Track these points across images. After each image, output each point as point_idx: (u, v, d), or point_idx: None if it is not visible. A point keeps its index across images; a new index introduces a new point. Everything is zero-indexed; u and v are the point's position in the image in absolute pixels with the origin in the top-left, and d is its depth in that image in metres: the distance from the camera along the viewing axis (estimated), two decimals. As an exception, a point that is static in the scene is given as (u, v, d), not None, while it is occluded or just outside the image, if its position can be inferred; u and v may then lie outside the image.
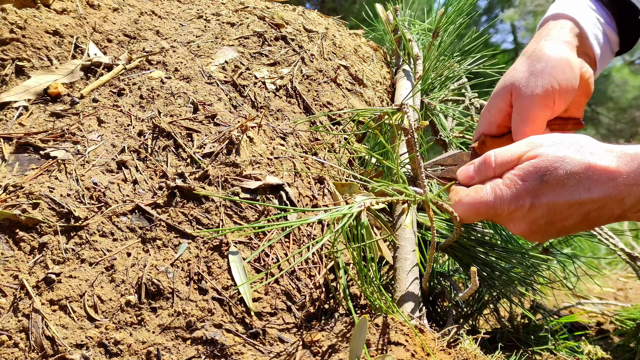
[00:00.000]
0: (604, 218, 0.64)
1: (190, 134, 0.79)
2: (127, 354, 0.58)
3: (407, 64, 1.28)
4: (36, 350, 0.55)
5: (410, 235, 0.80)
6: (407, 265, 0.76)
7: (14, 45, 0.85)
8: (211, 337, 0.61)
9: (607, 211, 0.63)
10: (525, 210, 0.64)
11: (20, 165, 0.70)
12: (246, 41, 1.05)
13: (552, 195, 0.63)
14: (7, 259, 0.60)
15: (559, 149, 0.64)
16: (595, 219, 0.64)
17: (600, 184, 0.62)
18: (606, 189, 0.61)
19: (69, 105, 0.81)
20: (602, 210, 0.63)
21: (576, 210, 0.63)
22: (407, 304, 0.71)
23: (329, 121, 0.97)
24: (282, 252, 0.72)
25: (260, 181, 0.75)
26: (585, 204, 0.62)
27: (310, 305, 0.70)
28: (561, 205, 0.63)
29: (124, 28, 1.00)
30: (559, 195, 0.63)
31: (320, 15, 1.34)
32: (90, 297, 0.60)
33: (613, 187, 0.61)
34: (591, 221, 0.64)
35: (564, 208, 0.63)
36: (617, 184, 0.61)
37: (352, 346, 0.56)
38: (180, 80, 0.90)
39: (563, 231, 0.67)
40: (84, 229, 0.65)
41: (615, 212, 0.62)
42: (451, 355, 0.62)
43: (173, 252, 0.67)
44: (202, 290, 0.65)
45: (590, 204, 0.62)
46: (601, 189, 0.62)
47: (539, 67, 0.78)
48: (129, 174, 0.73)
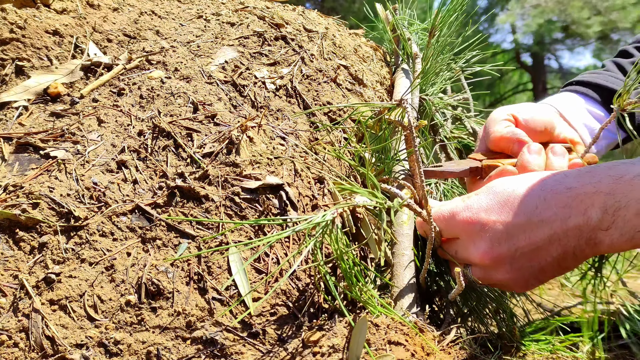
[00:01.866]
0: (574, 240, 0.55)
1: (190, 134, 0.80)
2: (127, 354, 0.58)
3: (406, 63, 1.28)
4: (36, 350, 0.55)
5: (407, 232, 0.81)
6: (405, 261, 0.76)
7: (14, 45, 0.85)
8: (211, 337, 0.61)
9: (574, 231, 0.55)
10: (479, 224, 0.60)
11: (20, 165, 0.70)
12: (246, 41, 1.05)
13: (506, 209, 0.59)
14: (7, 258, 0.60)
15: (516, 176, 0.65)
16: (564, 243, 0.56)
17: (557, 193, 0.56)
18: (564, 199, 0.55)
19: (69, 105, 0.81)
20: (568, 229, 0.55)
21: (538, 231, 0.56)
22: (405, 300, 0.71)
23: (329, 121, 0.97)
24: (282, 252, 0.72)
25: (260, 181, 0.75)
26: (545, 221, 0.56)
27: (310, 304, 0.70)
28: (518, 221, 0.58)
29: (124, 28, 1.00)
30: (512, 209, 0.59)
31: (320, 15, 1.34)
32: (90, 297, 0.60)
33: (572, 197, 0.55)
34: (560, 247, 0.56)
35: (522, 226, 0.57)
36: (575, 194, 0.55)
37: (352, 346, 0.56)
38: (180, 80, 0.90)
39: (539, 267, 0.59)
40: (84, 228, 0.65)
41: (584, 232, 0.54)
42: (451, 355, 0.62)
43: (173, 252, 0.67)
44: (202, 290, 0.65)
45: (551, 221, 0.55)
46: (559, 199, 0.56)
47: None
48: (129, 174, 0.73)
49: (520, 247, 0.58)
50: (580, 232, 0.55)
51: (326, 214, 0.61)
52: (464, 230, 0.63)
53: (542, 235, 0.57)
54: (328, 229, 0.60)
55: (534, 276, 0.61)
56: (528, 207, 0.58)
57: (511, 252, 0.59)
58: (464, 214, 0.63)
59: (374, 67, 1.25)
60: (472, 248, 0.62)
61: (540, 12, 8.43)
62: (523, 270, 0.60)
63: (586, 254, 0.57)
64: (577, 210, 0.55)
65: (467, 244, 0.63)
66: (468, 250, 0.63)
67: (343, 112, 1.00)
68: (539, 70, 11.85)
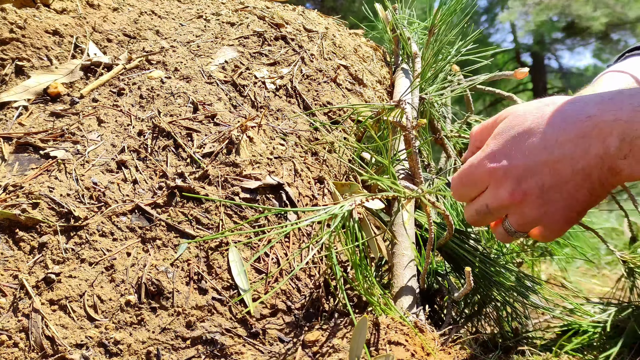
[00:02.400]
0: (596, 169, 0.56)
1: (190, 134, 0.79)
2: (127, 353, 0.58)
3: (406, 63, 1.28)
4: (36, 350, 0.55)
5: (408, 232, 0.80)
6: (405, 261, 0.76)
7: (14, 45, 0.85)
8: (211, 337, 0.61)
9: (596, 160, 0.55)
10: (503, 168, 0.60)
11: (20, 165, 0.70)
12: (246, 41, 1.04)
13: (526, 146, 0.59)
14: (7, 258, 0.60)
15: (530, 103, 0.62)
16: (587, 172, 0.56)
17: (577, 122, 0.56)
18: (584, 127, 0.55)
19: (69, 105, 0.81)
20: (590, 159, 0.55)
21: (561, 161, 0.57)
22: (405, 300, 0.71)
23: (329, 121, 0.97)
24: (282, 252, 0.72)
25: (260, 181, 0.75)
26: (564, 145, 0.56)
27: (310, 305, 0.70)
28: (540, 154, 0.58)
29: (124, 28, 1.00)
30: (534, 146, 0.58)
31: (320, 15, 1.34)
32: (90, 297, 0.60)
33: (591, 126, 0.55)
34: (585, 176, 0.57)
35: (546, 160, 0.57)
36: (594, 122, 0.55)
37: (352, 346, 0.56)
38: (180, 80, 0.90)
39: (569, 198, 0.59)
40: (83, 228, 0.65)
41: (606, 161, 0.55)
42: (451, 355, 0.62)
43: (173, 252, 0.67)
44: (202, 290, 0.65)
45: (572, 150, 0.56)
46: (578, 128, 0.56)
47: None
48: (129, 174, 0.73)
49: (546, 181, 0.59)
50: (602, 161, 0.55)
51: (344, 205, 0.60)
52: (491, 178, 0.63)
53: (566, 169, 0.57)
54: (345, 222, 0.60)
55: (569, 207, 0.61)
56: (549, 142, 0.58)
57: (539, 186, 0.59)
58: (486, 162, 0.62)
59: (374, 67, 1.25)
60: (502, 191, 0.62)
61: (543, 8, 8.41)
62: (556, 203, 0.60)
63: (611, 182, 0.58)
64: (597, 139, 0.55)
65: (495, 190, 0.63)
66: (497, 195, 0.63)
67: (343, 112, 1.00)
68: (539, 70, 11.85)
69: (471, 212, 0.68)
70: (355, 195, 0.68)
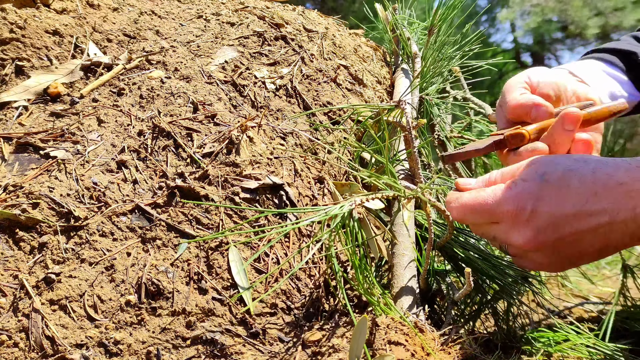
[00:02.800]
0: (619, 234, 0.57)
1: (190, 134, 0.79)
2: (127, 354, 0.58)
3: (406, 63, 1.28)
4: (36, 350, 0.55)
5: (408, 232, 0.80)
6: (405, 261, 0.76)
7: (14, 45, 0.85)
8: (211, 337, 0.61)
9: (620, 226, 0.56)
10: (527, 213, 0.60)
11: (20, 165, 0.70)
12: (246, 41, 1.04)
13: (555, 200, 0.59)
14: (7, 258, 0.60)
15: (558, 156, 0.63)
16: (608, 236, 0.58)
17: (609, 189, 0.57)
18: (615, 194, 0.56)
19: (69, 105, 0.81)
20: (615, 224, 0.57)
21: (585, 223, 0.58)
22: (405, 300, 0.71)
23: (329, 121, 0.97)
24: (282, 252, 0.72)
25: (260, 181, 0.75)
26: (594, 215, 0.57)
27: (310, 305, 0.70)
28: (567, 213, 0.58)
29: (124, 28, 1.00)
30: (563, 200, 0.59)
31: (320, 15, 1.34)
32: (90, 297, 0.60)
33: (622, 193, 0.56)
34: (605, 239, 0.58)
35: (570, 218, 0.58)
36: (626, 190, 0.56)
37: (352, 346, 0.56)
38: (180, 80, 0.90)
39: (578, 254, 0.61)
40: (83, 228, 0.65)
41: (630, 227, 0.56)
42: (451, 355, 0.62)
43: (173, 252, 0.67)
44: (202, 290, 0.65)
45: (600, 215, 0.57)
46: (610, 194, 0.57)
47: None
48: (129, 174, 0.73)
49: (565, 236, 0.59)
50: (627, 227, 0.56)
51: (344, 206, 0.60)
52: (510, 218, 0.62)
53: (589, 227, 0.58)
54: (345, 221, 0.60)
55: (571, 261, 0.62)
56: (579, 200, 0.58)
57: (555, 240, 0.60)
58: (511, 204, 0.62)
59: (374, 67, 1.25)
60: (516, 235, 0.62)
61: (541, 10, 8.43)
62: (562, 255, 0.61)
63: (626, 246, 0.59)
64: (626, 206, 0.56)
65: (509, 230, 0.63)
66: (509, 235, 0.63)
67: (343, 112, 1.00)
68: (539, 70, 11.82)
69: (475, 231, 0.68)
70: (355, 195, 0.68)
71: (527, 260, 0.65)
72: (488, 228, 0.66)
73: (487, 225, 0.66)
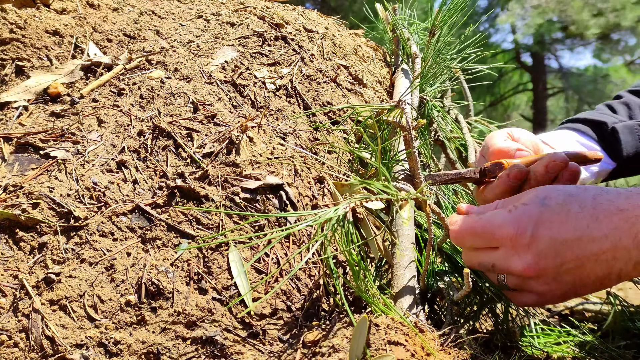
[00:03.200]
0: (621, 262, 0.56)
1: (190, 134, 0.80)
2: (127, 354, 0.58)
3: (406, 63, 1.28)
4: (36, 350, 0.55)
5: (408, 232, 0.80)
6: (405, 262, 0.76)
7: (14, 45, 0.85)
8: (211, 337, 0.61)
9: (623, 253, 0.56)
10: (527, 237, 0.59)
11: (20, 165, 0.70)
12: (246, 41, 1.05)
13: (557, 225, 0.58)
14: (7, 259, 0.60)
15: (561, 185, 0.63)
16: (611, 264, 0.57)
17: (610, 214, 0.57)
18: (616, 220, 0.56)
19: (69, 105, 0.81)
20: (617, 251, 0.56)
21: (587, 248, 0.57)
22: (405, 300, 0.71)
23: (329, 121, 0.97)
24: (282, 252, 0.72)
25: (260, 181, 0.75)
26: (595, 240, 0.57)
27: (310, 305, 0.70)
28: (568, 238, 0.58)
29: (124, 28, 1.00)
30: (564, 224, 0.58)
31: (320, 15, 1.34)
32: (90, 297, 0.60)
33: (623, 219, 0.55)
34: (607, 267, 0.57)
35: (571, 243, 0.57)
36: (627, 216, 0.56)
37: (352, 346, 0.56)
38: (180, 80, 0.90)
39: (580, 283, 0.59)
40: (83, 228, 0.65)
41: (633, 255, 0.55)
42: (451, 355, 0.62)
43: (173, 252, 0.67)
44: (202, 291, 0.65)
45: (602, 241, 0.56)
46: (611, 220, 0.56)
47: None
48: (129, 174, 0.73)
49: (566, 262, 0.58)
50: (629, 255, 0.56)
51: (338, 209, 0.60)
52: (510, 242, 0.61)
53: (591, 254, 0.57)
54: (340, 224, 0.60)
55: (573, 290, 0.61)
56: (580, 225, 0.58)
57: (556, 266, 0.59)
58: (512, 227, 0.61)
59: (374, 67, 1.25)
60: (516, 260, 0.61)
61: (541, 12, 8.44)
62: (563, 284, 0.60)
63: (630, 276, 0.58)
64: (628, 233, 0.55)
65: (509, 256, 0.62)
66: (510, 261, 0.62)
67: (343, 112, 1.00)
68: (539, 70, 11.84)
69: (472, 261, 0.67)
70: (354, 196, 0.68)
71: (526, 293, 0.63)
72: (487, 255, 0.65)
73: (486, 252, 0.65)
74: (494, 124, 1.34)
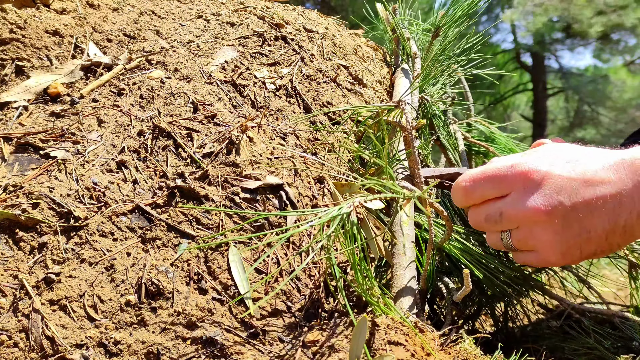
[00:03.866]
0: (626, 210, 0.56)
1: (190, 134, 0.80)
2: (127, 354, 0.58)
3: (406, 63, 1.28)
4: (36, 350, 0.55)
5: (408, 232, 0.80)
6: (405, 262, 0.76)
7: (14, 45, 0.85)
8: (211, 337, 0.61)
9: (628, 200, 0.56)
10: (540, 174, 0.59)
11: (20, 165, 0.70)
12: (246, 41, 1.05)
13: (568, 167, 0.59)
14: (7, 259, 0.60)
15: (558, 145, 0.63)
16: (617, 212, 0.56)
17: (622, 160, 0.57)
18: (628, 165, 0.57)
19: (69, 105, 0.81)
20: (623, 198, 0.56)
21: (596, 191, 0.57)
22: (405, 300, 0.71)
23: (329, 121, 0.97)
24: (282, 252, 0.72)
25: (260, 181, 0.75)
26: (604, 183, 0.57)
27: (310, 305, 0.70)
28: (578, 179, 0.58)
29: (124, 28, 1.00)
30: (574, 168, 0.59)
31: (320, 15, 1.34)
32: (90, 297, 0.60)
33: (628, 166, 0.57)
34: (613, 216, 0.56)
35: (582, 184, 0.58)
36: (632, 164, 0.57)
37: (352, 346, 0.56)
38: (180, 80, 0.90)
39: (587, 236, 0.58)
40: (83, 229, 0.65)
41: (637, 204, 0.55)
42: (451, 355, 0.62)
43: (173, 252, 0.67)
44: (202, 291, 0.65)
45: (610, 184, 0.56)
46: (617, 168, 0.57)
47: None
48: (129, 174, 0.73)
49: (577, 203, 0.58)
50: (633, 203, 0.56)
51: (342, 207, 0.60)
52: (523, 181, 0.60)
53: (601, 195, 0.57)
54: (344, 223, 0.60)
55: (578, 245, 0.59)
56: (593, 166, 0.58)
57: (567, 206, 0.58)
58: (526, 165, 0.61)
59: (374, 67, 1.25)
60: (527, 201, 0.59)
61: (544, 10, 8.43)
62: (570, 233, 0.59)
63: (634, 229, 0.57)
64: (634, 180, 0.56)
65: (519, 197, 0.60)
66: (520, 203, 0.60)
67: (343, 112, 1.00)
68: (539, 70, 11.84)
69: (479, 217, 0.65)
70: (355, 196, 0.68)
71: (530, 241, 0.61)
72: (495, 204, 0.63)
73: (495, 201, 0.63)
74: (494, 124, 1.34)
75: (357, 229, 0.61)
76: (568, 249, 0.60)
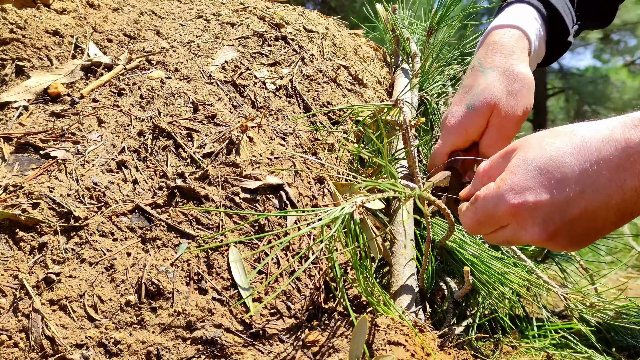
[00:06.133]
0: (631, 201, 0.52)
1: (190, 134, 0.80)
2: (127, 354, 0.58)
3: (406, 63, 1.28)
4: (36, 350, 0.55)
5: (408, 230, 0.80)
6: (404, 260, 0.76)
7: (14, 45, 0.85)
8: (211, 337, 0.61)
9: (631, 193, 0.52)
10: (527, 208, 0.57)
11: (20, 165, 0.70)
12: (246, 41, 1.05)
13: (553, 184, 0.55)
14: (7, 259, 0.60)
15: (540, 133, 0.60)
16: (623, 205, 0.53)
17: (608, 156, 0.53)
18: (616, 160, 0.52)
19: (69, 105, 0.81)
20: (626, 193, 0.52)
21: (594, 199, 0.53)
22: (404, 298, 0.71)
23: (329, 121, 0.97)
24: (282, 253, 0.72)
25: (260, 181, 0.75)
26: (600, 189, 0.53)
27: (310, 305, 0.70)
28: (570, 197, 0.54)
29: (124, 28, 1.00)
30: (558, 177, 0.55)
31: (320, 15, 1.34)
32: (90, 297, 0.60)
33: (624, 157, 0.52)
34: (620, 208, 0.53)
35: (576, 199, 0.54)
36: (627, 154, 0.52)
37: (352, 346, 0.56)
38: (180, 80, 0.90)
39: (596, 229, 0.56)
40: (84, 229, 0.65)
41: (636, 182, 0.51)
42: (451, 355, 0.62)
43: (173, 252, 0.67)
44: (202, 290, 0.65)
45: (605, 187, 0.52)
46: (610, 162, 0.52)
47: (516, 87, 0.80)
48: (129, 174, 0.73)
49: (575, 217, 0.56)
50: (637, 194, 0.53)
51: (345, 208, 0.60)
52: (513, 218, 0.59)
53: (599, 203, 0.54)
54: (346, 223, 0.59)
55: (588, 237, 0.58)
56: (580, 177, 0.54)
57: (566, 224, 0.56)
58: (508, 202, 0.58)
59: (374, 67, 1.25)
60: (525, 234, 0.59)
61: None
62: (578, 234, 0.58)
63: (632, 197, 0.54)
64: (632, 172, 0.52)
65: (517, 230, 0.60)
66: (520, 236, 0.60)
67: (343, 112, 1.00)
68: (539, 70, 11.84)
69: (491, 242, 0.66)
70: (355, 196, 0.68)
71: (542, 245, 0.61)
72: (499, 235, 0.64)
73: (497, 233, 0.64)
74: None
75: (359, 229, 0.60)
76: (579, 242, 0.60)
